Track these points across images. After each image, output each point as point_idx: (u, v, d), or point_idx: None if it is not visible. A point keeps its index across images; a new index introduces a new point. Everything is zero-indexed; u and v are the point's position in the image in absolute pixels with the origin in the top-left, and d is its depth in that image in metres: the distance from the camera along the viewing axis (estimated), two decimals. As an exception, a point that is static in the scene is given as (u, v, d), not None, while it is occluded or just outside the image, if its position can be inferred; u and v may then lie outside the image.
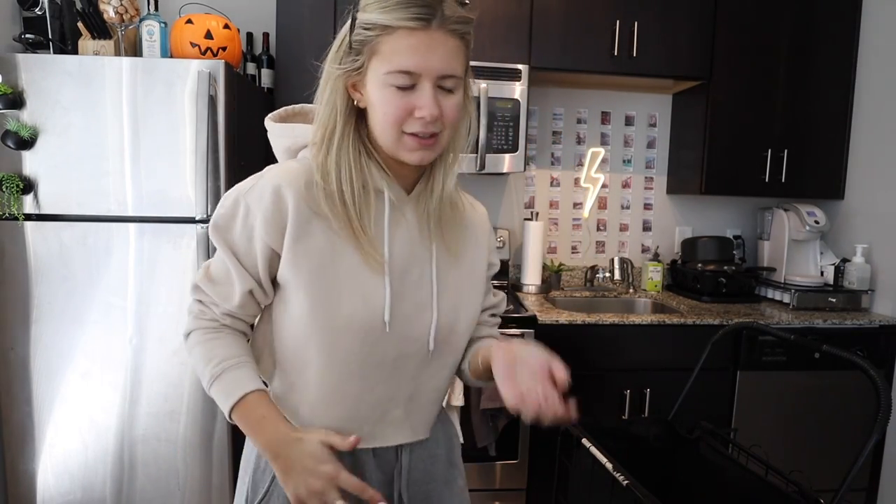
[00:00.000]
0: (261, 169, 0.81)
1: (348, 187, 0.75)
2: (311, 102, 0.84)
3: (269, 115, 0.88)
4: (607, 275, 2.56)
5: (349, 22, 0.73)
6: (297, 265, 0.76)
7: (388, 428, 0.84)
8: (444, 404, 0.97)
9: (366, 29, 0.71)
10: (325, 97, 0.77)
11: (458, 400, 1.84)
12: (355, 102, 0.76)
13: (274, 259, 0.78)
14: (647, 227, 2.71)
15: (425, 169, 0.82)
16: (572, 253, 2.68)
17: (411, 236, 0.82)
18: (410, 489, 0.88)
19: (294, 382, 0.82)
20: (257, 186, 0.76)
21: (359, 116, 0.78)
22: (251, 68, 2.28)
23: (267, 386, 0.83)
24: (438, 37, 0.70)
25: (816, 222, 2.35)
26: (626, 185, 2.68)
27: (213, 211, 1.71)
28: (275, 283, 0.80)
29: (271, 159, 0.87)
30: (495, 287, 1.01)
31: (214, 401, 0.79)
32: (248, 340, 0.85)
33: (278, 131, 0.86)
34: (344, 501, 0.71)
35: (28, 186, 1.69)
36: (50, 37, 1.86)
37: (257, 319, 0.86)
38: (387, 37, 0.70)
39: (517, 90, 2.13)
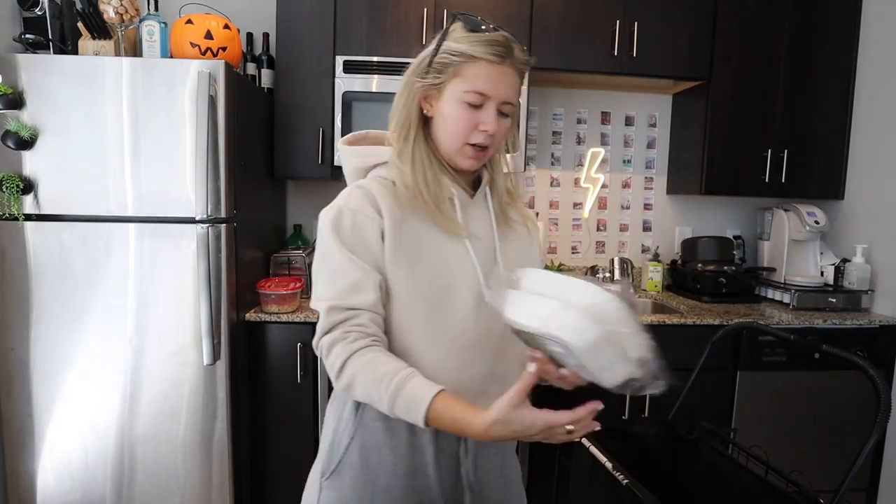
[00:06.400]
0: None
1: (422, 178, 0.89)
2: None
3: (341, 139, 1.00)
4: (607, 275, 2.56)
5: (434, 46, 0.88)
6: (396, 262, 0.86)
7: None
8: None
9: (452, 54, 0.86)
10: (401, 104, 0.91)
11: None
12: (424, 112, 0.91)
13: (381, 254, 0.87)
14: (647, 228, 2.71)
15: (478, 172, 0.97)
16: (572, 253, 2.68)
17: (478, 225, 0.95)
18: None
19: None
20: (353, 195, 0.88)
21: (424, 125, 0.92)
22: (251, 68, 2.27)
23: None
24: (508, 71, 0.87)
25: (816, 222, 2.35)
26: (626, 186, 2.68)
27: (213, 211, 1.72)
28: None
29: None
30: None
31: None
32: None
33: (351, 152, 0.97)
34: (573, 426, 0.77)
35: (28, 186, 1.69)
36: (50, 37, 1.86)
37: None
38: (471, 63, 0.85)
39: (517, 90, 2.13)
